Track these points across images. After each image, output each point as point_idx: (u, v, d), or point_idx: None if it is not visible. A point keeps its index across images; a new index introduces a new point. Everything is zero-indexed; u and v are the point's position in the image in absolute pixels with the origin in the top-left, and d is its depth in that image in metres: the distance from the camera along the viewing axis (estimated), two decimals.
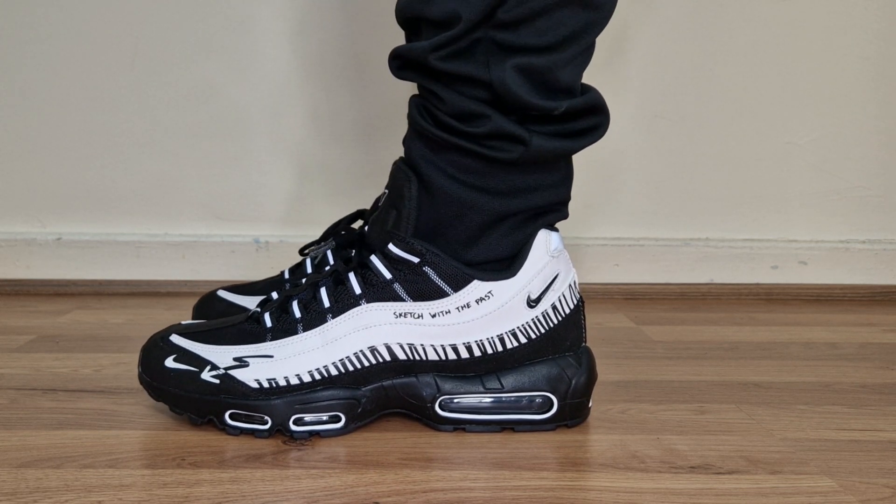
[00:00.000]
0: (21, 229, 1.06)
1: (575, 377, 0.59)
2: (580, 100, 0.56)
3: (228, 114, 1.04)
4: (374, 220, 0.61)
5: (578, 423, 0.60)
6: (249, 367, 0.57)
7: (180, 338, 0.59)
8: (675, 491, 0.50)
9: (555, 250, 0.59)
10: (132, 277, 1.05)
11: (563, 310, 0.59)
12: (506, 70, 0.54)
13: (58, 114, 1.03)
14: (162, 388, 0.58)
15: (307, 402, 0.57)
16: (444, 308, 0.57)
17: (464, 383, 0.59)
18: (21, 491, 0.49)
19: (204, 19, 1.02)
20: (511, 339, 0.58)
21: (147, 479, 0.51)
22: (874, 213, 1.09)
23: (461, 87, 0.56)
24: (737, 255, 1.08)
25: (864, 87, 1.06)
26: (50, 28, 1.02)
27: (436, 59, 0.55)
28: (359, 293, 0.57)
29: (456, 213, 0.58)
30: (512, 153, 0.56)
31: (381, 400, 0.58)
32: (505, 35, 0.54)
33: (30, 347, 0.80)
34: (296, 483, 0.50)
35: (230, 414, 0.57)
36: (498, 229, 0.58)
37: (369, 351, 0.57)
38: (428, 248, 0.57)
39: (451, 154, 0.57)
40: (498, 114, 0.55)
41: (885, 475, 0.53)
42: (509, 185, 0.57)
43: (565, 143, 0.57)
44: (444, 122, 0.57)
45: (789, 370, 0.75)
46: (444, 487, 0.50)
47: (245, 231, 1.06)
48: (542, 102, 0.55)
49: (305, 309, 0.58)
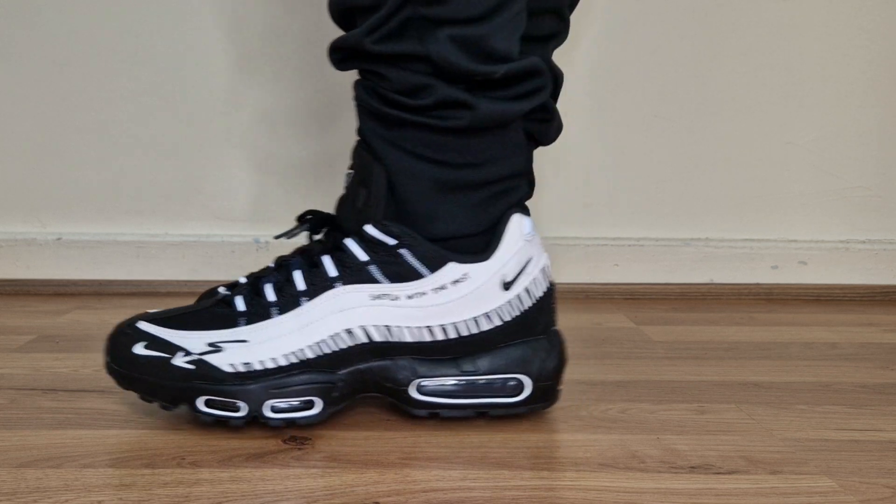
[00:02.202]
0: (21, 229, 1.06)
1: (546, 360, 0.60)
2: (518, 64, 0.57)
3: (228, 114, 1.04)
4: (342, 198, 0.61)
5: (549, 406, 0.61)
6: (224, 351, 0.56)
7: (148, 324, 0.58)
8: (675, 491, 0.50)
9: (528, 234, 0.59)
10: (132, 277, 1.05)
11: (536, 294, 0.60)
12: (441, 42, 0.55)
13: (58, 114, 1.03)
14: (132, 375, 0.56)
15: (283, 387, 0.56)
16: (421, 290, 0.57)
17: (439, 366, 0.59)
18: (21, 491, 0.48)
19: (205, 19, 1.02)
20: (486, 322, 0.59)
21: (147, 478, 0.50)
22: (874, 213, 1.09)
23: (403, 64, 0.56)
24: (737, 255, 1.08)
25: (864, 87, 1.06)
26: (50, 28, 1.02)
27: (371, 43, 0.56)
28: (334, 275, 0.57)
29: (416, 187, 0.58)
30: (461, 119, 0.57)
31: (358, 383, 0.58)
32: (434, 10, 0.55)
33: (30, 347, 0.80)
34: (296, 483, 0.50)
35: (204, 401, 0.56)
36: (459, 202, 0.59)
37: (346, 333, 0.57)
38: (404, 230, 0.57)
39: (404, 130, 0.58)
40: (442, 83, 0.56)
41: (885, 475, 0.53)
42: (464, 154, 0.58)
43: (511, 105, 0.58)
44: (391, 99, 0.57)
45: (789, 370, 0.75)
46: (444, 487, 0.50)
47: (245, 231, 1.06)
48: (482, 68, 0.56)
49: (280, 292, 0.58)
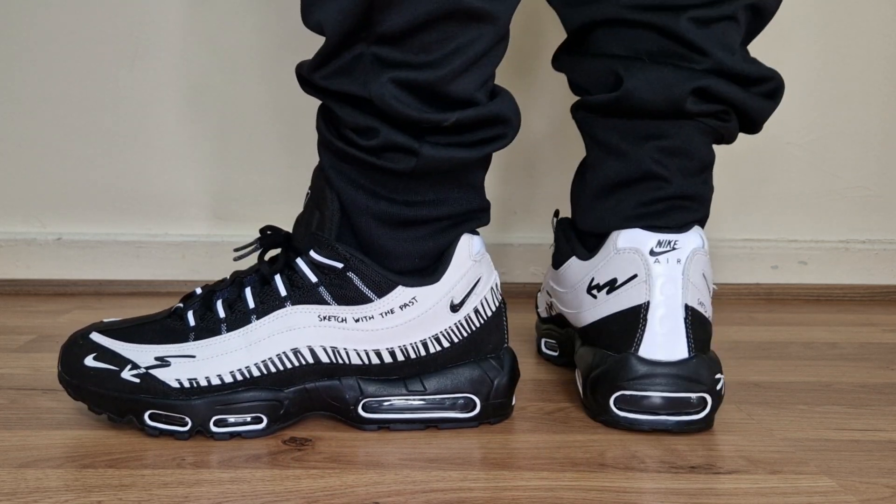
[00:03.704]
0: (21, 229, 1.06)
1: (497, 379, 0.59)
2: (474, 111, 0.55)
3: (229, 114, 1.04)
4: (298, 219, 0.60)
5: (501, 421, 0.60)
6: (171, 366, 0.56)
7: (101, 336, 0.58)
8: (675, 491, 0.50)
9: (476, 254, 0.59)
10: (132, 277, 1.05)
11: (485, 313, 0.60)
12: (384, 85, 0.53)
13: (58, 114, 1.03)
14: (81, 386, 0.57)
15: (229, 403, 0.56)
16: (368, 313, 0.57)
17: (387, 386, 0.59)
18: (21, 491, 0.49)
19: (206, 18, 1.02)
20: (434, 344, 0.58)
21: (147, 479, 0.51)
22: (874, 213, 1.09)
23: (352, 103, 0.55)
24: (737, 255, 1.08)
25: (864, 87, 1.06)
26: (50, 28, 1.02)
27: (320, 79, 0.56)
28: (284, 295, 0.57)
29: (366, 220, 0.57)
30: (405, 164, 0.55)
31: (304, 402, 0.58)
32: (387, 51, 0.53)
33: (30, 347, 0.80)
34: (296, 483, 0.50)
35: (150, 414, 0.56)
36: (409, 236, 0.58)
37: (292, 353, 0.57)
38: (353, 254, 0.57)
39: (354, 165, 0.57)
40: (387, 126, 0.55)
41: (885, 475, 0.53)
42: (415, 194, 0.57)
43: (460, 152, 0.56)
44: (344, 134, 0.56)
45: (789, 370, 0.75)
46: (444, 487, 0.50)
47: (245, 231, 1.06)
48: (429, 115, 0.54)
49: (230, 308, 0.58)
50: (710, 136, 0.62)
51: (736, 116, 0.62)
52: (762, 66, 0.61)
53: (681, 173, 0.61)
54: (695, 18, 0.58)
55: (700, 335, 0.59)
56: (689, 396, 0.57)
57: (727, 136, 0.63)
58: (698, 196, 0.62)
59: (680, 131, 0.61)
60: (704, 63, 0.59)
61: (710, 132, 0.62)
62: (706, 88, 0.59)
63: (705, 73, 0.59)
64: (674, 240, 0.59)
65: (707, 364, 0.58)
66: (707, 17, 0.58)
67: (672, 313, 0.58)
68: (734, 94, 0.60)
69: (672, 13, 0.58)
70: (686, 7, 0.58)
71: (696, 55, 0.59)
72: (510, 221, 1.07)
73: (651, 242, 0.60)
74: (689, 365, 0.57)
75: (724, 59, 0.59)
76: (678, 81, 0.59)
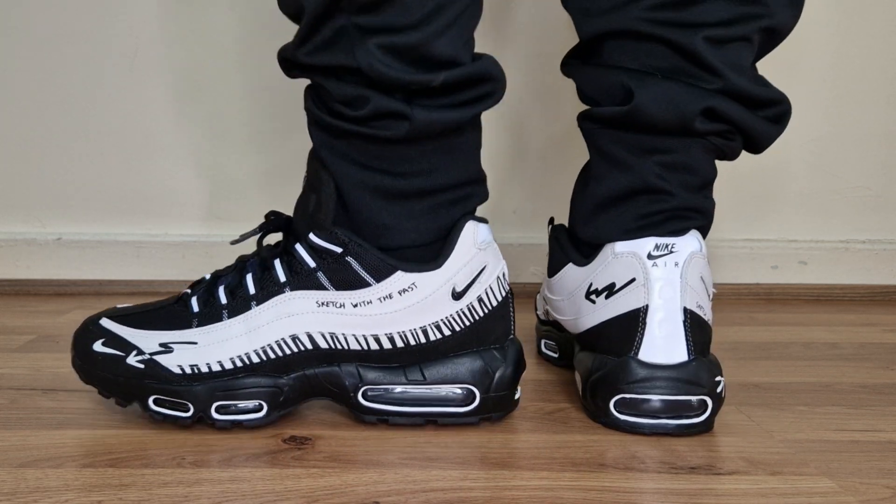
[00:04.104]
0: (21, 229, 1.06)
1: (499, 370, 0.59)
2: (460, 70, 0.56)
3: (229, 114, 1.04)
4: (297, 204, 0.61)
5: (503, 416, 0.60)
6: (174, 352, 0.57)
7: (110, 321, 0.59)
8: (675, 491, 0.50)
9: (482, 242, 0.59)
10: (132, 277, 1.05)
11: (490, 302, 0.59)
12: (370, 52, 0.54)
13: (57, 114, 1.03)
14: (91, 371, 0.58)
15: (229, 389, 0.57)
16: (366, 298, 0.57)
17: (387, 374, 0.59)
18: (21, 491, 0.49)
19: (205, 18, 1.02)
20: (434, 332, 0.58)
21: (147, 478, 0.51)
22: (874, 213, 1.09)
23: (339, 75, 0.56)
24: (737, 255, 1.08)
25: (865, 87, 1.06)
26: (50, 28, 1.02)
27: (304, 56, 0.56)
28: (283, 280, 0.58)
29: (363, 197, 0.58)
30: (398, 130, 0.56)
31: (304, 388, 0.59)
32: (367, 18, 0.54)
33: (30, 347, 0.80)
34: (296, 483, 0.50)
35: (154, 399, 0.57)
36: (407, 211, 0.58)
37: (291, 339, 0.57)
38: (351, 238, 0.57)
39: (347, 139, 0.57)
40: (377, 93, 0.55)
41: (885, 475, 0.53)
42: (409, 163, 0.57)
43: (451, 113, 0.57)
44: (334, 109, 0.57)
45: (789, 370, 0.75)
46: (444, 487, 0.50)
47: (245, 231, 1.06)
48: (417, 77, 0.55)
49: (231, 295, 0.59)
50: (713, 153, 0.62)
51: (741, 137, 0.62)
52: (772, 88, 0.61)
53: (683, 188, 0.61)
54: (710, 38, 0.58)
55: (699, 338, 0.59)
56: (690, 399, 0.57)
57: (730, 154, 0.63)
58: (699, 208, 0.62)
59: (685, 148, 0.61)
60: (715, 83, 0.59)
61: (713, 150, 0.62)
62: (714, 108, 0.59)
63: (715, 93, 0.59)
64: (671, 243, 0.59)
65: (707, 367, 0.58)
66: (722, 36, 0.58)
67: (671, 316, 0.58)
68: (741, 116, 0.60)
69: (688, 30, 0.58)
70: (702, 25, 0.58)
71: (707, 75, 0.59)
72: (510, 221, 1.07)
73: (648, 246, 0.60)
74: (688, 368, 0.57)
75: (735, 80, 0.59)
76: (689, 100, 0.59)
